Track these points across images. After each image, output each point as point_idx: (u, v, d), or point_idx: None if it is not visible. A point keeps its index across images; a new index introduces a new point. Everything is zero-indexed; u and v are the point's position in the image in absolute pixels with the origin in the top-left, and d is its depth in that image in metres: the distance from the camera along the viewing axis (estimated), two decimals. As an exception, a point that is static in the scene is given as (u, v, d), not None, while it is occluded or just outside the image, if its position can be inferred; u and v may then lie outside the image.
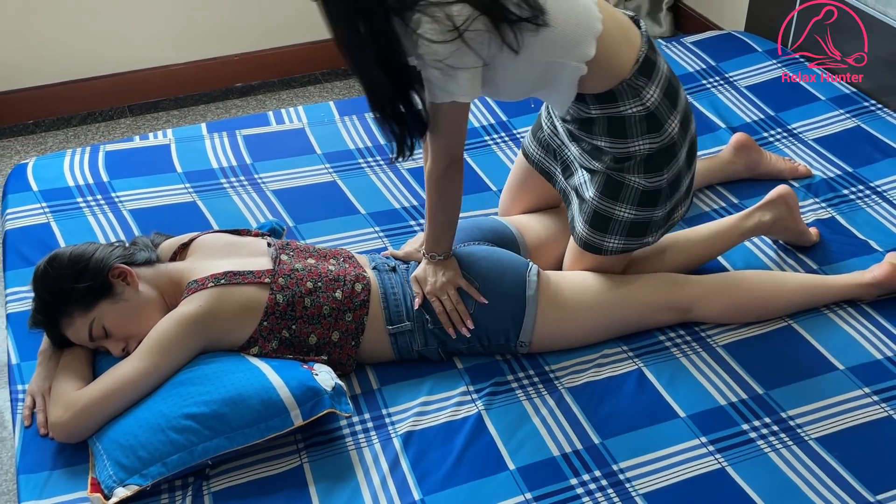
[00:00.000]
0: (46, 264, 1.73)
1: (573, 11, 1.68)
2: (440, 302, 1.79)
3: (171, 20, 3.28)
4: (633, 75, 1.72)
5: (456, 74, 1.61)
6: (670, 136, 1.77)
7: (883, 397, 1.73)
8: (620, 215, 1.82)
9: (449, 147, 1.72)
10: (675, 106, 1.77)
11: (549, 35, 1.65)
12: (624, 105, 1.73)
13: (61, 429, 1.63)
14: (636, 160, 1.77)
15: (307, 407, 1.62)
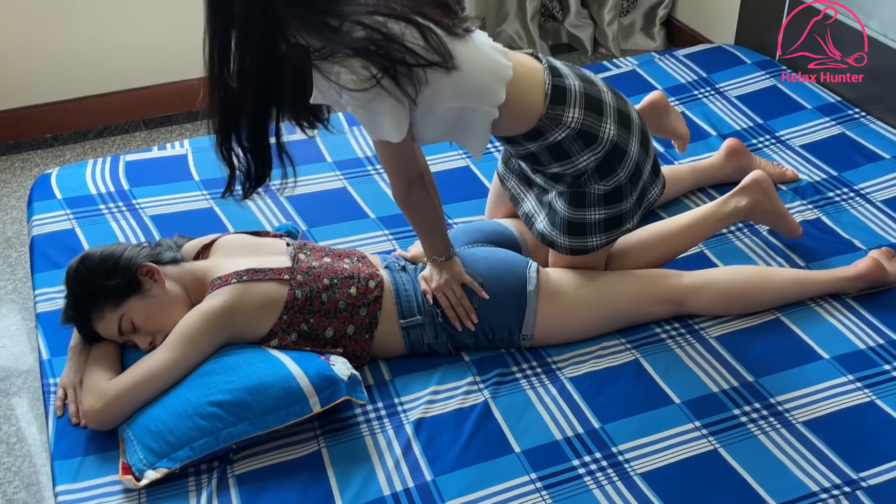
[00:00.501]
0: (79, 263, 1.84)
1: (482, 58, 1.76)
2: (446, 297, 1.90)
3: (184, 38, 3.39)
4: (547, 108, 1.81)
5: (380, 118, 1.68)
6: (609, 140, 1.85)
7: (866, 384, 1.83)
8: (592, 218, 1.92)
9: (401, 173, 1.82)
10: (600, 114, 1.85)
11: (460, 79, 1.72)
12: (553, 134, 1.83)
13: (94, 416, 1.73)
14: (588, 171, 1.87)
15: (325, 395, 1.72)
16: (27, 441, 2.26)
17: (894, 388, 1.82)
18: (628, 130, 1.89)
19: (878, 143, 2.57)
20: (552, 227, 1.96)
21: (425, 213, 1.90)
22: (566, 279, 1.98)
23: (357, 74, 1.63)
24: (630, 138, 1.90)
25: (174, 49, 3.40)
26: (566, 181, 1.90)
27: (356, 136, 2.68)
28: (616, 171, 1.88)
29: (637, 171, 1.92)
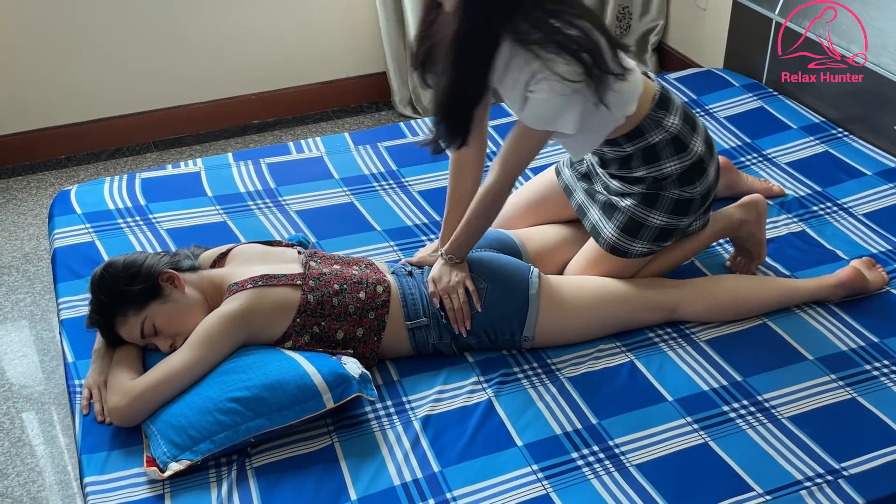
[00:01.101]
0: (103, 270, 1.94)
1: (636, 75, 1.99)
2: (450, 300, 2.01)
3: (194, 63, 3.53)
4: (652, 110, 2.00)
5: (567, 110, 1.86)
6: (697, 153, 2.04)
7: (847, 382, 1.94)
8: (653, 222, 2.05)
9: (523, 166, 1.98)
10: (694, 130, 2.05)
11: (621, 90, 1.93)
12: (651, 135, 2.00)
13: (119, 413, 1.82)
14: (672, 177, 2.03)
15: (337, 392, 1.82)
16: (49, 443, 2.36)
17: (874, 385, 1.93)
18: (711, 154, 2.08)
19: (859, 160, 2.69)
20: (607, 220, 2.09)
21: (493, 215, 2.05)
22: (566, 285, 2.09)
23: (570, 66, 1.81)
24: (711, 163, 2.08)
25: (184, 74, 3.53)
26: (646, 183, 2.04)
27: (362, 154, 2.80)
28: (695, 184, 2.04)
29: (707, 194, 2.09)
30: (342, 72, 3.75)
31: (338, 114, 3.78)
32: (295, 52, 3.64)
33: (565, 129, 1.90)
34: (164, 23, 3.40)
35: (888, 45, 2.68)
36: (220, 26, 3.49)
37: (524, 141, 1.96)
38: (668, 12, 3.88)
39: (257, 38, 3.56)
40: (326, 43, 3.66)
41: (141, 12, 3.35)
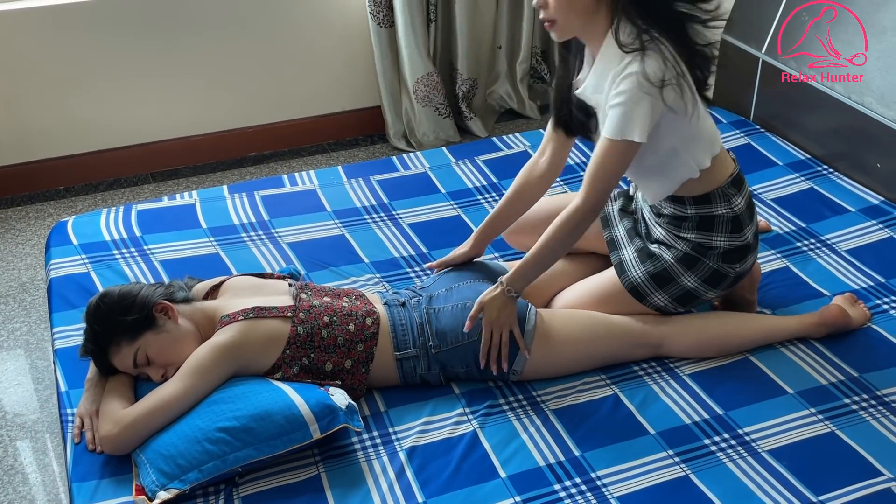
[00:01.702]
0: (98, 300, 1.98)
1: (712, 124, 2.09)
2: (491, 334, 2.02)
3: (191, 96, 3.60)
4: (727, 184, 2.07)
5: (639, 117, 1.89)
6: (747, 239, 2.10)
7: (826, 416, 1.97)
8: (684, 282, 2.10)
9: (610, 186, 1.98)
10: (752, 219, 2.14)
11: (695, 127, 1.99)
12: (716, 206, 2.07)
13: (111, 442, 1.86)
14: (717, 251, 2.09)
15: (324, 422, 1.86)
16: (42, 471, 2.38)
17: (852, 419, 1.96)
18: (755, 247, 2.17)
19: (844, 197, 2.74)
20: (639, 261, 2.12)
21: (565, 242, 2.02)
22: (556, 320, 2.12)
23: (652, 72, 1.86)
24: (752, 253, 2.15)
25: (182, 107, 3.59)
26: (691, 245, 2.09)
27: (354, 187, 2.85)
28: (735, 264, 2.10)
29: (738, 278, 2.14)
30: (337, 105, 3.82)
31: (333, 147, 3.84)
32: (291, 86, 3.70)
33: (636, 136, 1.90)
34: (162, 56, 3.46)
35: (871, 85, 2.74)
36: (218, 60, 3.56)
37: (605, 157, 1.94)
38: (658, 49, 3.95)
39: (254, 73, 3.63)
40: (322, 77, 3.73)
41: (139, 46, 3.42)
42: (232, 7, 3.49)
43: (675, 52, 1.91)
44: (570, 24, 1.97)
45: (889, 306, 2.30)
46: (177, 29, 3.45)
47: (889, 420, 1.95)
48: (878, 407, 1.99)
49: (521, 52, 3.86)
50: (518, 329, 2.03)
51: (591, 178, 1.97)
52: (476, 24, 3.74)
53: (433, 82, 3.69)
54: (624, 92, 1.89)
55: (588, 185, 1.98)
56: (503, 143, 3.14)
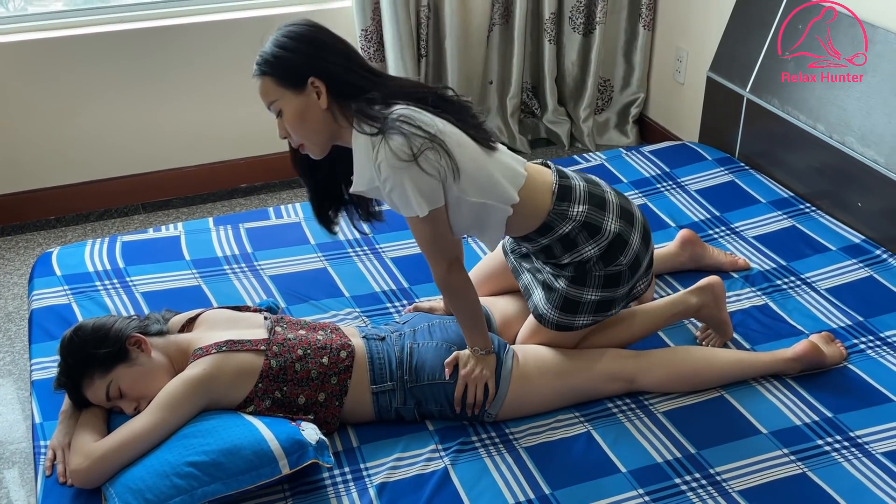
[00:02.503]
0: (73, 333, 1.99)
1: (501, 165, 2.01)
2: (465, 387, 2.04)
3: (183, 128, 3.63)
4: (554, 205, 2.05)
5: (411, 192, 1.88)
6: (611, 231, 2.07)
7: (799, 457, 1.97)
8: (587, 297, 2.10)
9: (439, 254, 1.98)
10: (603, 209, 2.08)
11: (483, 178, 1.96)
12: (560, 227, 2.05)
13: (80, 475, 1.86)
14: (593, 259, 2.07)
15: (294, 458, 1.86)
16: (18, 502, 2.38)
17: (825, 461, 1.95)
18: (631, 225, 2.11)
19: (825, 235, 2.75)
20: (546, 302, 2.13)
21: (465, 298, 2.05)
22: (530, 360, 2.13)
23: (398, 150, 1.85)
24: (632, 231, 2.10)
25: (172, 138, 3.62)
26: (572, 266, 2.09)
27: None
28: (618, 259, 2.08)
29: (636, 263, 2.12)
30: (329, 138, 3.84)
31: (324, 179, 3.85)
32: (282, 119, 3.73)
33: (419, 211, 1.90)
34: (153, 88, 3.50)
35: (851, 125, 2.76)
36: (209, 92, 3.59)
37: (416, 232, 1.98)
38: (648, 86, 3.99)
39: (246, 105, 3.64)
40: (313, 110, 3.75)
41: (130, 78, 3.45)
42: (224, 40, 3.53)
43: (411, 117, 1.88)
44: (317, 142, 1.98)
45: (866, 346, 2.30)
46: (169, 61, 3.48)
47: (861, 462, 1.95)
48: (850, 449, 1.98)
49: (512, 87, 3.89)
50: (493, 385, 2.05)
51: (424, 253, 2.02)
52: (466, 60, 3.78)
53: (423, 116, 3.72)
54: (387, 178, 1.90)
55: (427, 259, 2.02)
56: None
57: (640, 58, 3.91)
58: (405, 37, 3.54)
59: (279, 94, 1.92)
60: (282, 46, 1.91)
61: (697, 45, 3.63)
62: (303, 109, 1.92)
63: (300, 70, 1.90)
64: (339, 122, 1.95)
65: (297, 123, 1.94)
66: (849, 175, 2.78)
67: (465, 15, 3.69)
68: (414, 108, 1.91)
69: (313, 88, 1.91)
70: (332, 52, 1.93)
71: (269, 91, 1.93)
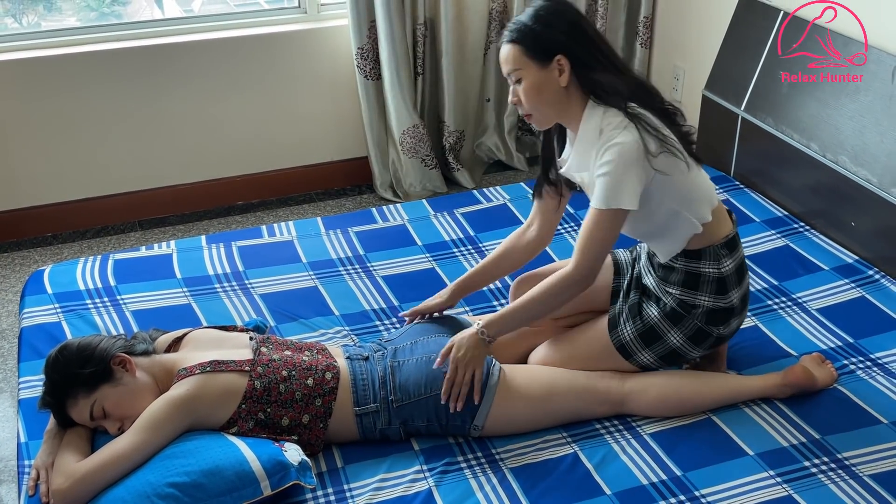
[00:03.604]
0: (57, 353, 1.99)
1: (705, 180, 2.09)
2: (456, 372, 2.03)
3: (180, 145, 3.64)
4: (720, 244, 2.08)
5: (626, 185, 1.92)
6: (731, 302, 2.10)
7: (785, 479, 1.95)
8: (670, 340, 2.11)
9: (602, 254, 2.01)
10: (740, 283, 2.12)
11: (690, 185, 2.01)
12: (704, 264, 2.07)
13: (62, 496, 1.85)
14: (700, 310, 2.09)
15: (276, 479, 1.85)
16: (3, 521, 2.38)
17: (811, 483, 1.94)
18: (742, 311, 2.15)
19: (818, 255, 2.74)
20: (630, 317, 2.14)
21: (558, 306, 2.06)
22: (519, 376, 2.12)
23: (640, 142, 1.91)
24: (738, 316, 2.14)
25: (169, 156, 3.64)
26: (676, 300, 2.10)
27: (332, 239, 2.87)
28: (718, 325, 2.10)
29: (720, 340, 2.14)
30: (325, 156, 3.86)
31: (320, 196, 3.87)
32: (279, 136, 3.75)
33: (626, 204, 1.93)
34: (151, 106, 3.52)
35: (845, 144, 2.75)
36: (207, 110, 3.61)
37: (595, 226, 1.98)
38: (645, 103, 3.98)
39: (242, 123, 3.68)
40: (310, 127, 3.77)
41: (128, 96, 3.47)
42: (222, 57, 3.55)
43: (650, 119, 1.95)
44: (545, 115, 2.04)
45: (857, 367, 2.28)
46: (167, 79, 3.50)
47: (847, 484, 1.93)
48: (837, 471, 1.96)
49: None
50: (481, 373, 2.04)
51: (581, 247, 2.00)
52: (463, 78, 3.79)
53: (419, 134, 3.73)
54: (609, 161, 1.92)
55: (579, 254, 2.00)
56: (483, 195, 3.16)
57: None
58: (401, 55, 3.55)
59: (523, 63, 1.97)
60: (540, 20, 1.96)
61: (694, 63, 3.63)
62: (542, 83, 1.97)
63: (552, 46, 1.95)
64: (572, 102, 1.99)
65: (534, 95, 1.98)
66: (842, 194, 2.77)
67: (462, 33, 3.70)
68: (647, 111, 1.97)
69: (558, 66, 1.95)
70: (586, 36, 1.98)
71: (515, 59, 1.98)
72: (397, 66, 3.56)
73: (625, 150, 1.92)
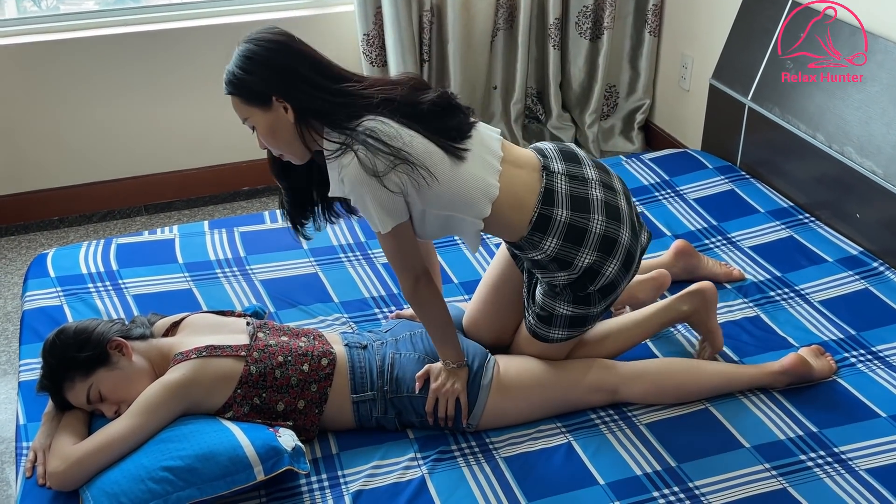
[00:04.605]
0: (55, 336, 2.01)
1: (471, 177, 1.95)
2: (436, 400, 2.03)
3: (186, 130, 3.65)
4: (528, 232, 2.00)
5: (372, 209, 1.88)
6: (581, 268, 2.00)
7: (780, 472, 1.94)
8: (560, 312, 2.08)
9: (404, 268, 1.98)
10: (579, 243, 1.99)
11: (448, 192, 1.93)
12: (531, 253, 2.03)
13: (57, 478, 1.87)
14: (560, 285, 2.04)
15: (269, 464, 1.86)
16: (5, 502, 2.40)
17: (806, 476, 1.93)
18: (608, 256, 2.00)
19: (822, 246, 2.71)
20: (527, 309, 2.13)
21: (434, 311, 2.05)
22: (513, 370, 2.12)
23: (361, 165, 1.85)
24: (608, 263, 2.01)
25: (176, 141, 3.64)
26: (544, 283, 2.07)
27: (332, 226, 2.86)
28: (587, 287, 2.03)
29: (611, 286, 2.05)
30: (331, 142, 3.84)
31: (326, 183, 3.86)
32: (285, 123, 3.74)
33: (380, 227, 1.90)
34: (157, 90, 3.52)
35: (851, 135, 2.72)
36: (213, 94, 3.59)
37: (383, 246, 1.98)
38: (654, 92, 3.96)
39: (249, 109, 3.67)
40: (316, 114, 3.76)
41: (135, 80, 3.47)
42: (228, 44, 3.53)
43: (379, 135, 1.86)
44: (294, 151, 1.99)
45: (857, 359, 2.27)
46: (173, 64, 3.50)
47: (843, 478, 1.92)
48: (833, 464, 1.95)
49: (516, 93, 3.88)
50: (464, 398, 2.04)
51: (391, 265, 2.02)
52: (470, 65, 3.77)
53: (425, 121, 3.71)
54: (350, 192, 1.90)
55: (395, 272, 2.02)
56: (487, 183, 3.14)
57: (645, 64, 3.89)
58: (407, 41, 3.54)
59: (248, 111, 1.95)
60: (241, 67, 1.93)
61: (702, 51, 3.60)
62: (273, 124, 1.94)
63: (262, 91, 1.92)
64: (311, 133, 1.95)
65: (270, 137, 1.97)
66: (847, 186, 2.74)
67: (469, 20, 3.68)
68: (381, 120, 1.90)
69: (280, 104, 1.92)
70: (290, 72, 1.91)
71: (239, 108, 1.97)
72: (403, 53, 3.54)
73: (348, 177, 1.87)
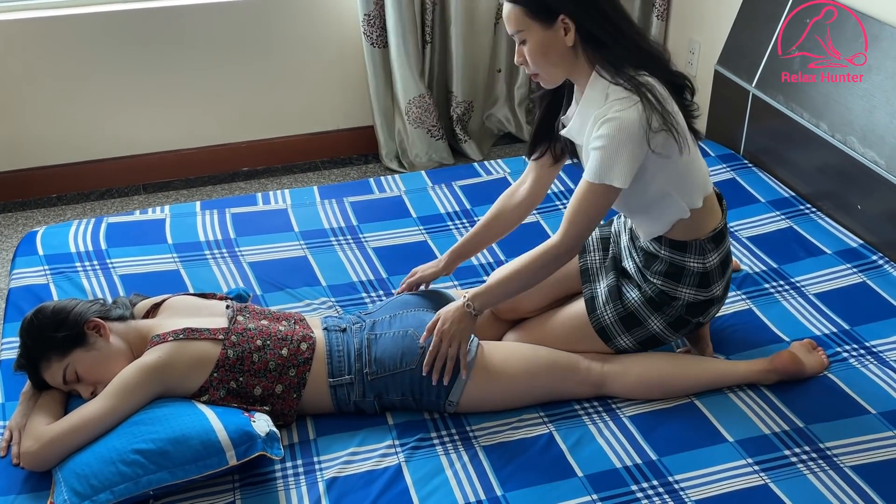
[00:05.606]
0: (33, 315, 1.99)
1: (703, 164, 2.04)
2: (440, 344, 2.00)
3: (186, 110, 3.63)
4: (707, 238, 2.02)
5: (620, 162, 1.85)
6: (714, 294, 2.06)
7: (762, 467, 1.90)
8: (650, 326, 2.08)
9: (589, 227, 1.95)
10: (723, 274, 2.08)
11: (684, 169, 1.94)
12: (688, 258, 2.03)
13: (30, 458, 1.85)
14: (681, 302, 2.05)
15: (241, 449, 1.83)
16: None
17: (789, 472, 1.89)
18: (723, 299, 2.12)
19: (822, 238, 2.66)
20: (609, 300, 2.10)
21: (542, 279, 2.02)
22: (497, 354, 2.09)
23: (640, 118, 1.84)
24: (720, 302, 2.11)
25: (175, 120, 3.62)
26: (656, 289, 2.06)
27: (325, 208, 2.84)
28: (697, 316, 2.07)
29: (698, 326, 2.11)
30: (331, 124, 3.82)
31: (326, 165, 3.84)
32: (285, 103, 3.72)
33: (616, 181, 1.87)
34: (156, 69, 3.50)
35: (854, 124, 2.66)
36: (213, 75, 3.58)
37: (584, 199, 1.92)
38: (660, 77, 3.89)
39: (248, 89, 3.65)
40: (316, 95, 3.74)
41: (135, 58, 3.46)
42: (228, 23, 3.52)
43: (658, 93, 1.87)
44: (552, 75, 1.97)
45: (849, 354, 2.22)
46: (173, 43, 3.48)
47: (827, 475, 1.87)
48: (817, 461, 1.91)
49: (520, 76, 3.83)
50: (466, 347, 2.01)
51: (569, 218, 1.95)
52: (472, 48, 3.72)
53: (425, 104, 3.68)
54: (604, 136, 1.86)
55: (566, 224, 1.95)
56: (484, 168, 3.11)
57: (652, 49, 3.82)
58: (409, 22, 3.49)
59: (526, 24, 1.90)
60: None
61: (709, 36, 3.53)
62: (547, 44, 1.90)
63: (554, 6, 1.87)
64: (580, 61, 1.93)
65: (538, 56, 1.92)
66: (849, 176, 2.68)
67: (472, 1, 3.63)
68: (656, 80, 1.89)
69: (562, 25, 1.88)
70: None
71: (518, 20, 1.91)
72: (404, 34, 3.50)
73: (624, 125, 1.85)
